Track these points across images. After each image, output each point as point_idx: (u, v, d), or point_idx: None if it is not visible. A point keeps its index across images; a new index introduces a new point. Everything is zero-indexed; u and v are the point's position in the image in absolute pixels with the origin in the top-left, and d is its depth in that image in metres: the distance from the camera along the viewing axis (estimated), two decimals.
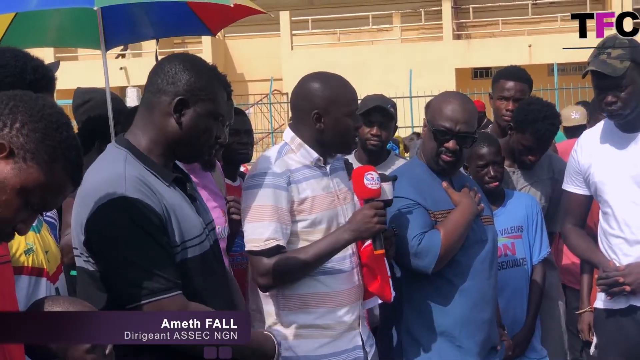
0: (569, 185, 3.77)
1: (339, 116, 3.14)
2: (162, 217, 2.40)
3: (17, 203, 1.85)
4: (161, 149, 2.52)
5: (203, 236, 2.54)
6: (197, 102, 2.50)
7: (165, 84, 2.51)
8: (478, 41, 23.19)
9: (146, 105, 2.56)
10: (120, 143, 2.54)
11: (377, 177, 3.13)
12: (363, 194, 3.14)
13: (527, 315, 4.02)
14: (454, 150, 3.40)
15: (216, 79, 2.58)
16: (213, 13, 5.35)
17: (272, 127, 21.39)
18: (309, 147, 3.16)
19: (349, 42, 23.96)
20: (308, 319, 3.12)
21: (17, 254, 2.54)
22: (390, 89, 17.14)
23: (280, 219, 3.04)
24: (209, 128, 2.54)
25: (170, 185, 2.50)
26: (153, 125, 2.52)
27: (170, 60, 2.56)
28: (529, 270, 4.06)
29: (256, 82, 22.88)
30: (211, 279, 2.55)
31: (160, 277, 2.35)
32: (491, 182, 4.00)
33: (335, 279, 3.15)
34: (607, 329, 3.64)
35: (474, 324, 3.42)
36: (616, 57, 3.43)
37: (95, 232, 2.38)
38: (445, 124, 3.40)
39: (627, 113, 3.48)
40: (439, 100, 3.53)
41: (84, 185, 2.44)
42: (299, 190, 3.10)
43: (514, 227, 4.06)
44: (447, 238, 3.35)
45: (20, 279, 2.51)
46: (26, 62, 2.42)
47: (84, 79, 8.62)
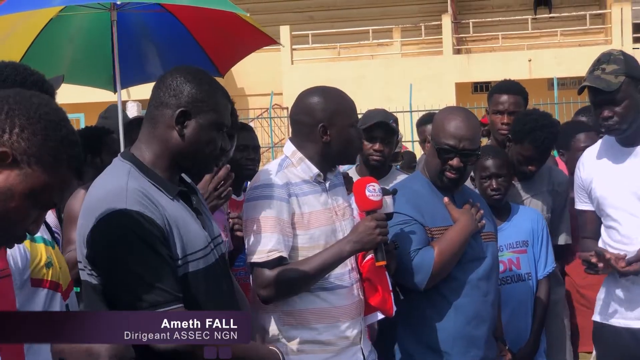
0: (579, 203, 3.79)
1: (344, 127, 3.16)
2: (164, 229, 2.39)
3: (26, 207, 1.84)
4: (166, 162, 2.52)
5: (208, 250, 2.53)
6: (199, 114, 2.51)
7: (168, 97, 2.52)
8: (478, 56, 23.21)
9: (150, 119, 2.56)
10: (125, 157, 2.55)
11: (378, 188, 3.14)
12: (365, 206, 3.13)
13: (531, 330, 4.00)
14: (458, 168, 3.40)
15: (218, 90, 2.58)
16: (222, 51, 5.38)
17: (272, 141, 21.39)
18: (310, 163, 3.17)
19: (349, 57, 23.98)
20: (309, 334, 3.11)
21: (39, 266, 2.55)
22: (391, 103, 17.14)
23: (282, 231, 3.04)
24: (212, 139, 2.54)
25: (175, 199, 2.50)
26: (157, 139, 2.53)
27: (172, 74, 2.57)
28: (533, 285, 4.05)
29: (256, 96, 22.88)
30: (216, 293, 2.54)
31: (161, 289, 2.34)
32: (494, 194, 3.99)
33: (335, 295, 3.14)
34: (605, 342, 3.66)
35: (468, 340, 3.41)
36: (610, 72, 3.45)
37: (96, 245, 2.38)
38: (449, 142, 3.39)
39: (625, 128, 3.49)
40: (442, 116, 3.51)
41: (88, 199, 2.45)
42: (299, 204, 3.10)
43: (519, 242, 4.05)
44: (440, 256, 3.34)
45: (38, 291, 2.52)
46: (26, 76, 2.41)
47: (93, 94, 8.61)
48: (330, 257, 3.07)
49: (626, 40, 21.91)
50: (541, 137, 4.15)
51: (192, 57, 5.30)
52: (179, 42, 5.30)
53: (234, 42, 5.32)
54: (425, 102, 17.03)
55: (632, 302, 3.53)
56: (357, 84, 20.48)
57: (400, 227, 3.35)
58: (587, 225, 3.77)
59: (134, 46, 5.35)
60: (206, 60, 5.39)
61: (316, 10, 26.78)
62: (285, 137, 20.73)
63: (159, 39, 5.35)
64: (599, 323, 3.68)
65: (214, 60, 5.42)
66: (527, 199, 4.30)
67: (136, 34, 5.30)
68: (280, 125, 22.68)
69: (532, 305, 4.03)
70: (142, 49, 5.40)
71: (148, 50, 5.40)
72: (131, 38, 5.28)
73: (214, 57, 5.41)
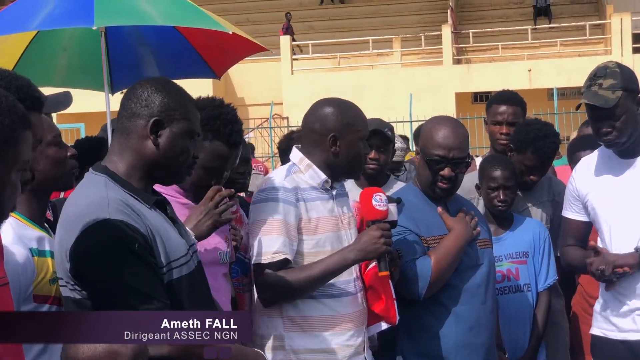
0: (568, 212, 3.77)
1: (353, 140, 3.18)
2: (148, 237, 2.39)
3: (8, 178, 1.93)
4: (140, 173, 2.52)
5: (188, 256, 2.54)
6: (172, 122, 2.51)
7: (139, 108, 2.52)
8: (478, 66, 23.25)
9: (122, 131, 2.55)
10: (97, 169, 2.53)
11: (385, 198, 3.16)
12: (370, 215, 3.14)
13: (529, 342, 3.99)
14: (449, 177, 3.41)
15: (188, 99, 2.59)
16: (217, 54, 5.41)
17: (272, 151, 21.39)
18: (317, 169, 3.19)
19: (349, 67, 24.03)
20: (313, 342, 3.12)
21: (43, 281, 2.54)
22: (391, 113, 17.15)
23: (288, 234, 3.06)
24: (186, 148, 2.54)
25: (152, 208, 2.50)
26: (130, 150, 2.52)
27: (141, 85, 2.57)
28: (533, 297, 4.04)
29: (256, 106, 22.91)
30: (198, 298, 2.55)
31: (151, 297, 2.34)
32: (500, 206, 3.99)
33: (339, 302, 3.15)
34: (604, 355, 3.65)
35: (470, 348, 3.41)
36: (608, 88, 3.43)
37: (80, 256, 2.36)
38: (439, 152, 3.40)
39: (624, 141, 3.48)
40: (430, 127, 3.52)
41: (66, 213, 2.43)
42: (306, 209, 3.13)
43: (519, 253, 4.04)
44: (438, 264, 3.35)
45: (42, 308, 2.53)
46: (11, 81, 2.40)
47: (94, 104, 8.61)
48: (333, 264, 3.08)
49: (626, 50, 21.96)
50: (543, 147, 4.15)
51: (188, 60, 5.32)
52: (174, 46, 5.32)
53: (226, 47, 5.33)
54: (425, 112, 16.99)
55: (627, 315, 3.53)
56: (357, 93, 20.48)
57: (396, 237, 3.35)
58: (573, 234, 3.75)
59: (129, 50, 5.36)
60: (202, 63, 5.41)
61: (316, 21, 26.85)
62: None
63: (154, 43, 5.37)
64: (596, 337, 3.67)
65: (209, 63, 5.43)
66: (527, 209, 4.29)
67: (131, 38, 5.32)
68: (280, 135, 22.67)
69: (530, 317, 4.01)
70: (137, 53, 5.41)
71: (144, 53, 5.41)
72: (126, 42, 5.29)
73: (209, 60, 5.42)
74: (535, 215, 4.27)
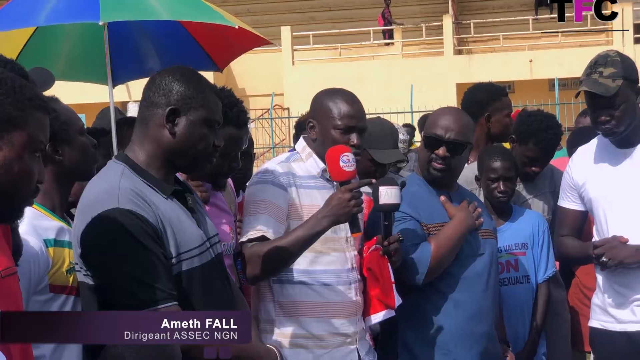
0: (564, 201, 3.77)
1: (326, 128, 3.21)
2: (157, 228, 2.41)
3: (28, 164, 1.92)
4: (159, 162, 2.54)
5: (203, 248, 2.55)
6: (189, 111, 2.53)
7: (157, 97, 2.54)
8: (479, 56, 23.20)
9: (141, 121, 2.58)
10: (118, 158, 2.58)
11: (352, 158, 3.09)
12: (338, 177, 3.08)
13: (529, 334, 4.00)
14: (443, 157, 3.43)
15: (207, 88, 2.59)
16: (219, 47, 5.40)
17: (273, 142, 21.39)
18: (317, 158, 3.23)
19: (350, 57, 23.98)
20: (303, 327, 3.15)
21: (59, 271, 2.56)
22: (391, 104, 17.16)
23: (272, 214, 3.09)
24: (204, 136, 2.55)
25: (169, 198, 2.51)
26: (149, 139, 2.55)
27: (160, 74, 2.59)
28: (533, 288, 4.04)
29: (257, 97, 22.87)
30: (211, 291, 2.55)
31: (155, 287, 2.36)
32: (501, 197, 3.99)
33: (330, 290, 3.17)
34: (603, 347, 3.66)
35: (471, 337, 3.42)
36: (608, 76, 3.43)
37: (89, 244, 2.40)
38: (436, 131, 3.46)
39: (622, 130, 3.48)
40: (436, 112, 3.63)
41: (82, 200, 2.47)
42: (299, 195, 3.15)
43: (519, 244, 4.04)
44: (437, 251, 3.36)
45: (58, 298, 2.56)
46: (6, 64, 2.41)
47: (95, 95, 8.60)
48: (305, 232, 3.04)
49: (627, 41, 21.90)
50: (545, 139, 4.15)
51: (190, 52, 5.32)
52: (175, 38, 5.31)
53: (229, 40, 5.33)
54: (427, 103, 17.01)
55: (626, 306, 3.53)
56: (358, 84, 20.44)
57: (397, 223, 3.35)
58: (569, 224, 3.76)
59: (131, 42, 5.35)
60: (204, 56, 5.40)
61: (317, 11, 26.78)
62: (287, 137, 20.74)
63: (155, 35, 5.36)
64: (595, 329, 3.67)
65: (211, 56, 5.43)
66: (528, 200, 4.29)
67: (131, 30, 5.31)
68: (281, 126, 22.68)
69: (530, 309, 4.02)
70: (138, 45, 5.40)
71: (145, 45, 5.40)
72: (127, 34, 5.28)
73: (211, 53, 5.42)
74: (536, 207, 4.27)
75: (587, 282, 4.08)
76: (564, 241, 3.79)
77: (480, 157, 4.14)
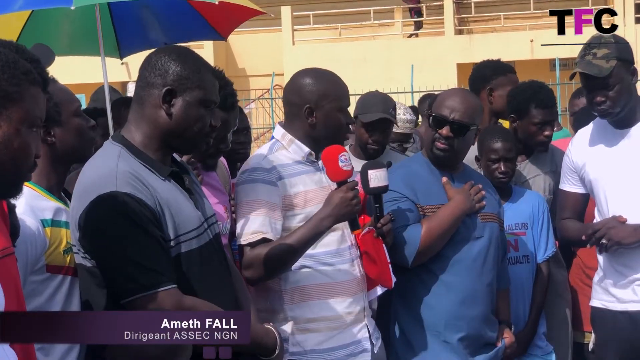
0: (565, 184, 3.78)
1: (329, 111, 3.17)
2: (155, 210, 2.40)
3: (25, 137, 1.93)
4: (156, 143, 2.53)
5: (201, 229, 2.54)
6: (185, 91, 2.51)
7: (153, 77, 2.52)
8: (480, 36, 23.12)
9: (137, 101, 2.57)
10: (115, 139, 2.56)
11: (349, 157, 3.10)
12: (337, 176, 3.08)
13: (529, 314, 4.00)
14: (447, 137, 3.43)
15: (204, 67, 2.58)
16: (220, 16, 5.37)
17: (273, 122, 21.35)
18: (300, 143, 3.19)
19: (350, 37, 23.91)
20: (312, 311, 3.13)
21: (56, 251, 2.55)
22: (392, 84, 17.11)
23: (269, 213, 3.06)
24: (200, 116, 2.54)
25: (166, 179, 2.50)
26: (145, 120, 2.54)
27: (157, 54, 2.58)
28: (533, 268, 4.04)
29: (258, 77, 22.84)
30: (209, 272, 2.55)
31: (154, 270, 2.36)
32: (501, 177, 3.99)
33: (336, 270, 3.16)
34: (604, 327, 3.67)
35: (462, 319, 3.43)
36: (602, 57, 3.44)
37: (88, 228, 2.40)
38: (442, 112, 3.46)
39: (618, 111, 3.49)
40: (444, 92, 3.66)
41: (79, 183, 2.46)
42: (290, 185, 3.12)
43: (518, 224, 4.04)
44: (428, 232, 3.36)
45: (55, 278, 2.55)
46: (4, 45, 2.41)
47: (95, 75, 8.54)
48: (308, 233, 3.04)
49: (628, 20, 21.82)
50: (544, 97, 4.15)
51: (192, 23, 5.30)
52: (177, 9, 5.28)
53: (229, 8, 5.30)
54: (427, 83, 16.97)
55: (627, 286, 3.54)
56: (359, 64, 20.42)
57: (391, 203, 3.35)
58: (571, 207, 3.77)
59: (133, 14, 5.33)
60: (206, 25, 5.38)
61: None
62: None
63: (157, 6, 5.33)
64: (596, 308, 3.69)
65: (213, 25, 5.41)
66: (530, 180, 4.28)
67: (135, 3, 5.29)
68: (281, 106, 22.63)
69: (530, 289, 4.02)
70: (141, 17, 5.37)
71: (147, 17, 5.38)
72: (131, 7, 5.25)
73: (213, 22, 5.40)
74: (537, 187, 4.26)
75: (589, 262, 4.08)
76: (565, 224, 3.79)
77: (480, 138, 4.12)
